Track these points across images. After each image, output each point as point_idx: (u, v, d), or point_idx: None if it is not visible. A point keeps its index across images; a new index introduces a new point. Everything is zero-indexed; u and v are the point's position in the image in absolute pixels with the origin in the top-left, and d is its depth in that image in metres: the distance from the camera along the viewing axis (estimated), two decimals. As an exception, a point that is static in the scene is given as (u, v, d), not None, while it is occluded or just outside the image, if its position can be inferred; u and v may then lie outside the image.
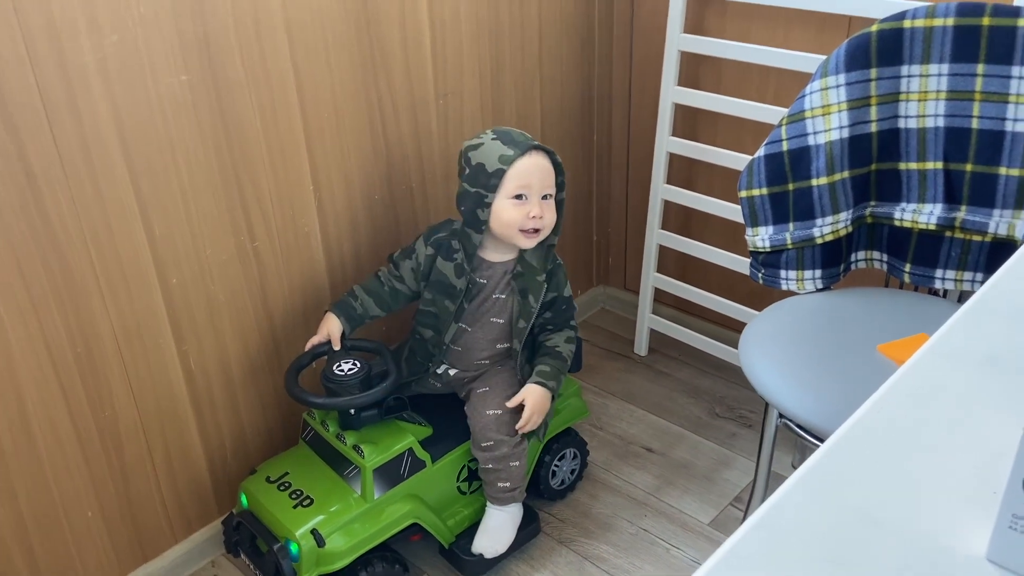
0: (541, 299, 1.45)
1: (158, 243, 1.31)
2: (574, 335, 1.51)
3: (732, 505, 1.65)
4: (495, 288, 1.45)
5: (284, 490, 1.41)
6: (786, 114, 1.32)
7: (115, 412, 1.35)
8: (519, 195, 1.37)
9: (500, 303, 1.46)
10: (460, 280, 1.44)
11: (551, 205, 1.42)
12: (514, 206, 1.37)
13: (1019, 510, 0.46)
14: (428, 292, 1.47)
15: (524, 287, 1.44)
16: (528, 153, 1.37)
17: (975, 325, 0.71)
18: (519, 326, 1.46)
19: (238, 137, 1.35)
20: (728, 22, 1.73)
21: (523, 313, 1.45)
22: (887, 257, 1.39)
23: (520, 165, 1.36)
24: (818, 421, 1.13)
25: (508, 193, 1.37)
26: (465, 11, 1.61)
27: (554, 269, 1.47)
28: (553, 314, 1.49)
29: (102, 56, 1.17)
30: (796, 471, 0.57)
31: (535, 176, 1.38)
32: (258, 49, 1.33)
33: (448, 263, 1.44)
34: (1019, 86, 1.18)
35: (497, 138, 1.39)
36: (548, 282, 1.46)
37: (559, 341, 1.48)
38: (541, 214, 1.38)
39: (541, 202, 1.39)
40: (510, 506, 1.49)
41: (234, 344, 1.47)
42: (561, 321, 1.50)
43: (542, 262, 1.45)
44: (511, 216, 1.38)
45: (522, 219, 1.37)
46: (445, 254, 1.45)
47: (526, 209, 1.37)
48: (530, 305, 1.44)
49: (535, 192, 1.38)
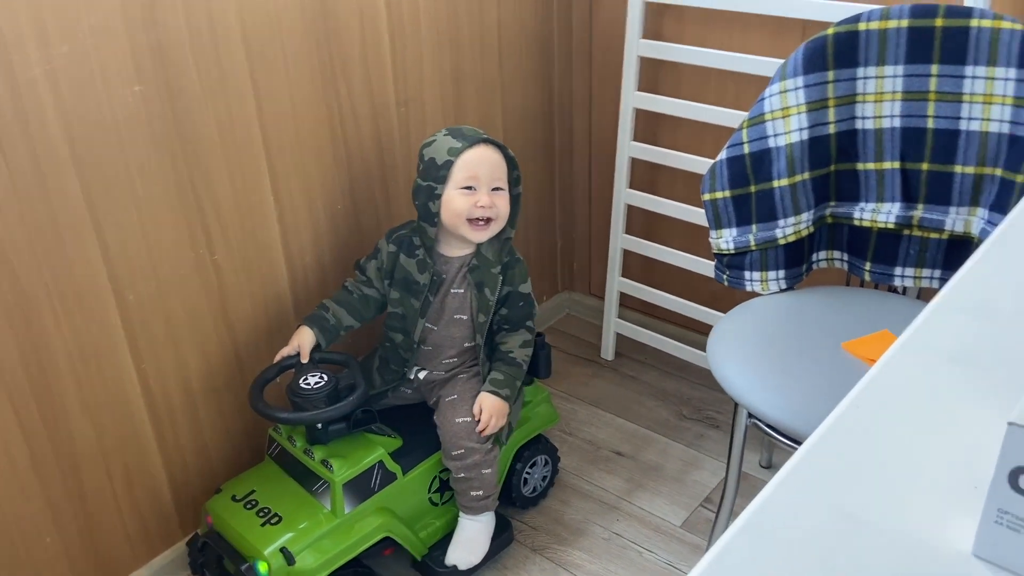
0: (497, 292, 1.45)
1: (113, 259, 1.28)
2: (531, 337, 1.51)
3: (703, 506, 1.66)
4: (452, 282, 1.45)
5: (251, 508, 1.37)
6: (746, 117, 1.33)
7: (71, 433, 1.31)
8: (468, 186, 1.38)
9: (459, 298, 1.46)
10: (423, 275, 1.44)
11: (503, 196, 1.42)
12: (462, 195, 1.38)
13: (1004, 505, 0.46)
14: (395, 291, 1.47)
15: (480, 280, 1.44)
16: (476, 145, 1.38)
17: (943, 323, 0.72)
18: (479, 320, 1.45)
19: (194, 148, 1.32)
20: (686, 28, 1.75)
21: (481, 307, 1.45)
22: (847, 256, 1.41)
23: (467, 156, 1.37)
24: (787, 419, 1.14)
25: (457, 184, 1.38)
26: (425, 19, 1.60)
27: (510, 263, 1.47)
28: (509, 311, 1.48)
29: (51, 68, 1.13)
30: (777, 474, 0.57)
31: (483, 167, 1.38)
32: (214, 58, 1.30)
33: (411, 259, 1.44)
34: (972, 85, 1.21)
35: (448, 133, 1.41)
36: (503, 275, 1.46)
37: (514, 346, 1.48)
38: (491, 203, 1.38)
39: (491, 193, 1.39)
40: (483, 515, 1.48)
41: (195, 360, 1.44)
42: (517, 319, 1.49)
43: (497, 255, 1.46)
44: (459, 205, 1.38)
45: (470, 208, 1.38)
46: (407, 250, 1.45)
47: (474, 198, 1.38)
48: (487, 298, 1.45)
49: (484, 183, 1.38)
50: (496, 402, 1.43)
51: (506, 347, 1.48)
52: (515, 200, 1.45)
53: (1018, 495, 0.45)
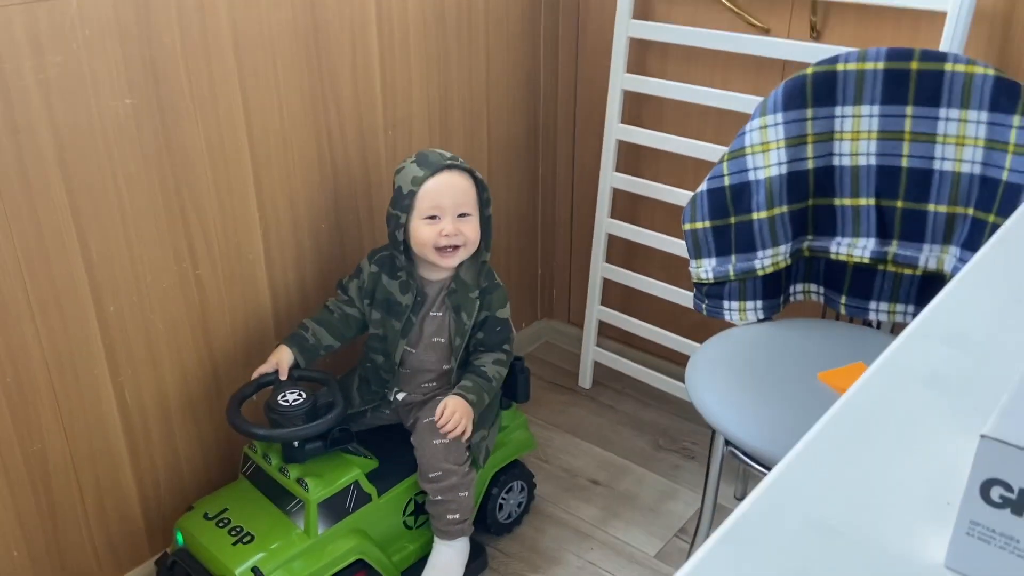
0: (474, 317, 1.46)
1: (95, 269, 1.27)
2: (505, 359, 1.51)
3: (677, 536, 1.66)
4: (432, 305, 1.46)
5: (223, 527, 1.36)
6: (727, 150, 1.37)
7: (44, 445, 1.29)
8: (432, 215, 1.39)
9: (438, 321, 1.46)
10: (406, 296, 1.45)
11: (471, 222, 1.42)
12: (427, 225, 1.39)
13: (976, 516, 0.47)
14: (375, 312, 1.47)
15: (458, 304, 1.45)
16: (440, 172, 1.39)
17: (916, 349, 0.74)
18: (455, 344, 1.46)
19: (183, 162, 1.33)
20: (669, 65, 1.79)
21: (458, 330, 1.45)
22: (824, 289, 1.44)
23: (430, 185, 1.38)
24: (763, 447, 1.15)
25: (421, 213, 1.39)
26: (415, 46, 1.63)
27: (489, 287, 1.48)
28: (485, 335, 1.49)
29: (44, 77, 1.14)
30: (757, 487, 0.58)
31: (446, 195, 1.39)
32: (206, 74, 1.31)
33: (393, 281, 1.45)
34: (945, 127, 1.25)
35: (415, 161, 1.42)
36: (481, 300, 1.46)
37: (486, 361, 1.49)
38: (455, 231, 1.40)
39: (457, 220, 1.40)
40: (458, 540, 1.47)
41: (172, 375, 1.43)
42: (493, 343, 1.50)
43: (475, 279, 1.47)
44: (424, 235, 1.40)
45: (435, 237, 1.39)
46: (389, 272, 1.46)
47: (439, 227, 1.39)
48: (463, 322, 1.45)
49: (448, 211, 1.40)
50: (461, 403, 1.42)
51: (479, 362, 1.49)
52: (486, 222, 1.46)
53: (989, 507, 0.47)
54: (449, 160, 1.41)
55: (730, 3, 1.65)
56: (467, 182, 1.42)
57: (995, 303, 0.80)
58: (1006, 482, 0.46)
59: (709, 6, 1.69)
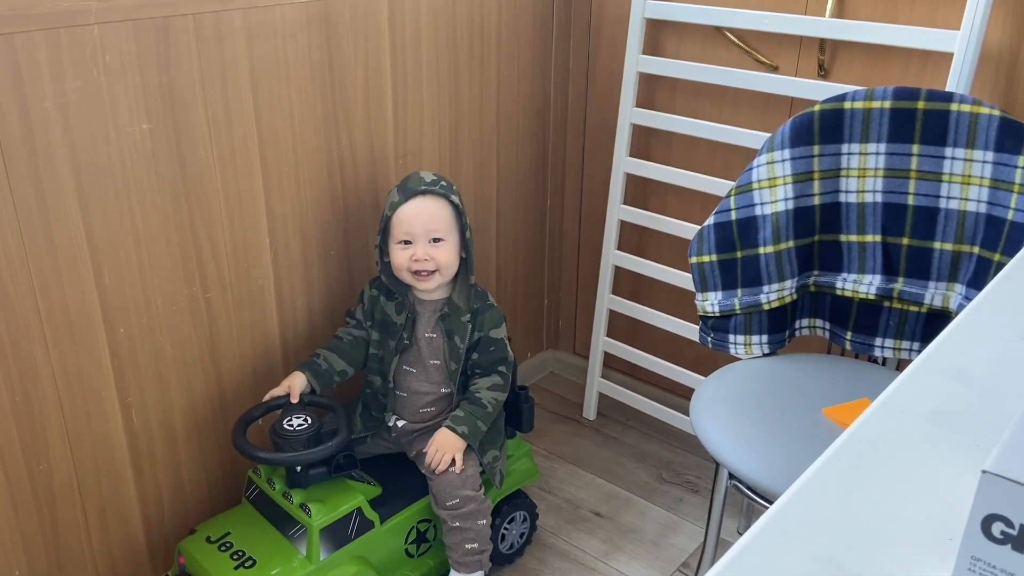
0: (467, 340, 1.47)
1: (107, 291, 1.29)
2: (502, 382, 1.50)
3: (680, 571, 1.65)
4: (426, 327, 1.48)
5: (225, 550, 1.36)
6: (735, 185, 1.38)
7: (50, 465, 1.29)
8: (405, 240, 1.42)
9: (434, 343, 1.47)
10: (400, 316, 1.47)
11: (444, 247, 1.43)
12: (401, 250, 1.42)
13: (977, 552, 0.47)
14: (375, 333, 1.49)
15: (450, 328, 1.47)
16: (414, 198, 1.41)
17: (920, 385, 0.75)
18: (451, 368, 1.47)
19: (196, 187, 1.35)
20: (678, 99, 1.81)
21: (452, 354, 1.46)
22: (829, 325, 1.44)
23: (402, 211, 1.41)
24: (767, 482, 1.15)
25: (396, 238, 1.43)
26: (427, 76, 1.65)
27: (481, 308, 1.49)
28: (480, 355, 1.49)
29: (64, 102, 1.16)
30: (759, 519, 0.58)
31: (417, 221, 1.41)
32: (222, 101, 1.34)
33: (390, 303, 1.48)
34: (951, 166, 1.26)
35: (397, 186, 1.44)
36: (472, 322, 1.47)
37: (482, 387, 1.48)
38: (425, 256, 1.41)
39: (429, 245, 1.41)
40: (476, 574, 1.46)
41: (179, 398, 1.44)
42: (488, 364, 1.50)
43: (467, 303, 1.48)
44: (398, 260, 1.43)
45: (408, 261, 1.42)
46: (387, 294, 1.49)
47: (410, 252, 1.42)
48: (457, 346, 1.46)
49: (419, 236, 1.41)
50: (449, 437, 1.42)
51: (474, 388, 1.49)
52: (467, 245, 1.46)
53: (991, 543, 0.47)
54: (425, 185, 1.42)
55: (739, 40, 1.68)
56: (442, 207, 1.42)
57: (999, 340, 0.80)
58: (1007, 518, 0.46)
59: (718, 43, 1.71)
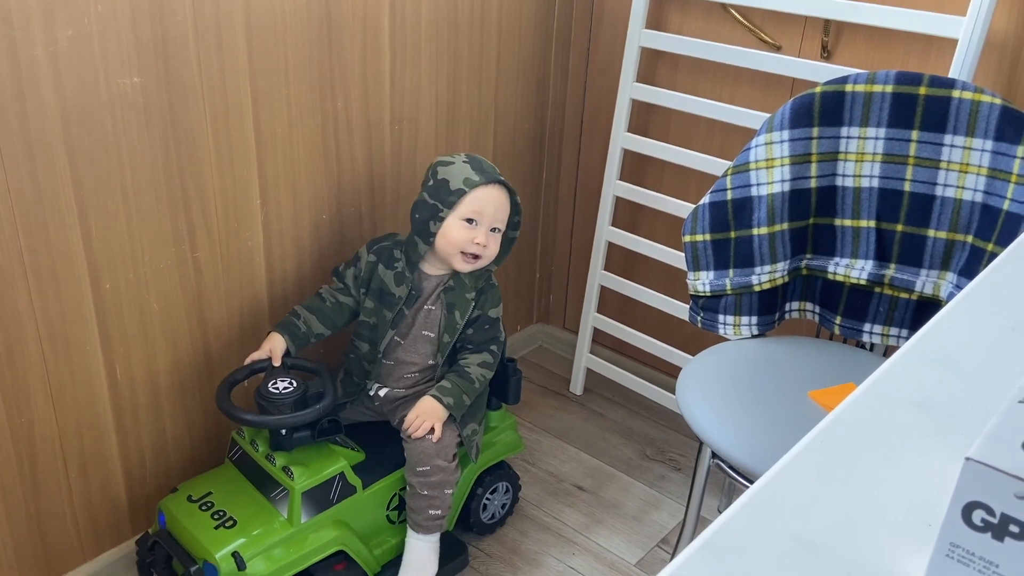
0: (467, 316, 1.46)
1: (94, 245, 1.27)
2: (492, 360, 1.51)
3: (659, 547, 1.66)
4: (427, 299, 1.47)
5: (206, 510, 1.36)
6: (731, 165, 1.37)
7: (32, 418, 1.29)
8: (471, 219, 1.40)
9: (432, 316, 1.47)
10: (400, 288, 1.45)
11: (497, 238, 1.45)
12: (463, 227, 1.41)
13: (956, 539, 0.47)
14: (369, 300, 1.48)
15: (452, 302, 1.46)
16: (492, 184, 1.42)
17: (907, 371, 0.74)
18: (444, 340, 1.46)
19: (187, 144, 1.33)
20: (679, 76, 1.80)
21: (448, 328, 1.46)
22: (819, 309, 1.44)
23: (480, 192, 1.40)
24: (749, 461, 1.15)
25: (461, 214, 1.41)
26: (426, 42, 1.63)
27: (484, 288, 1.49)
28: (475, 332, 1.49)
29: (54, 50, 1.14)
30: (739, 498, 0.58)
31: (490, 206, 1.42)
32: (216, 56, 1.31)
33: (389, 271, 1.46)
34: (950, 153, 1.26)
35: (468, 162, 1.43)
36: (476, 300, 1.47)
37: (472, 363, 1.49)
38: (485, 243, 1.41)
39: (489, 233, 1.42)
40: (432, 535, 1.47)
41: (164, 356, 1.43)
42: (481, 341, 1.50)
43: (474, 281, 1.48)
44: (457, 236, 1.41)
45: (466, 242, 1.41)
46: (386, 262, 1.47)
47: (473, 234, 1.40)
48: (455, 321, 1.46)
49: (486, 221, 1.42)
50: (433, 405, 1.43)
51: (464, 362, 1.49)
52: (509, 243, 1.49)
53: (970, 530, 0.47)
54: (500, 176, 1.44)
55: (743, 18, 1.66)
56: (507, 201, 1.45)
57: (989, 329, 0.80)
58: (988, 506, 0.46)
59: (722, 20, 1.69)
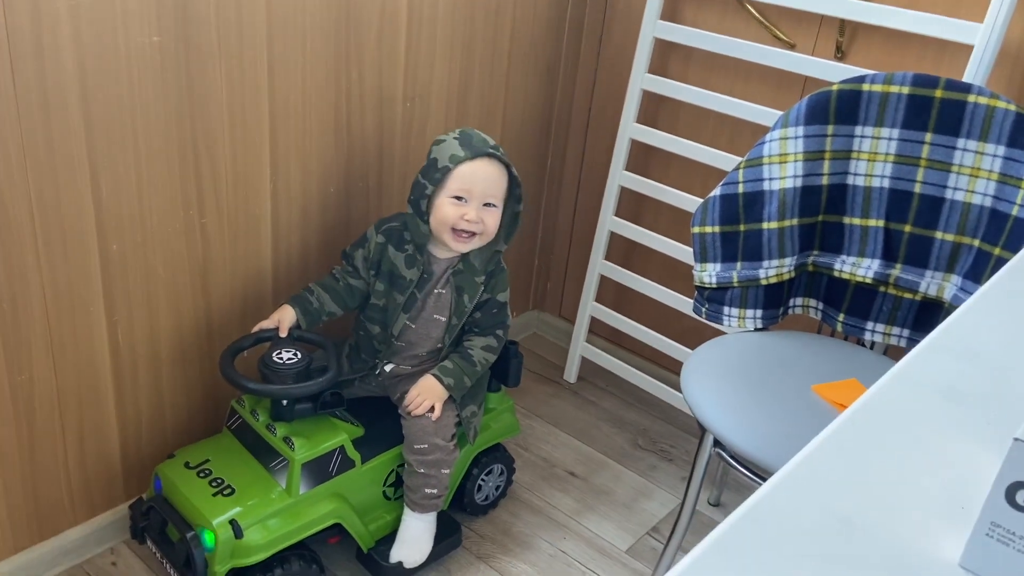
0: (476, 299, 1.46)
1: (104, 205, 1.26)
2: (496, 345, 1.51)
3: (649, 534, 1.67)
4: (437, 283, 1.46)
5: (204, 477, 1.35)
6: (745, 158, 1.38)
7: (32, 376, 1.27)
8: (459, 196, 1.39)
9: (442, 299, 1.46)
10: (411, 271, 1.44)
11: (494, 213, 1.42)
12: (451, 205, 1.39)
13: (998, 518, 0.48)
14: (380, 283, 1.46)
15: (461, 285, 1.45)
16: (479, 158, 1.39)
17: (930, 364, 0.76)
18: (452, 323, 1.46)
19: (201, 109, 1.31)
20: (691, 69, 1.80)
21: (457, 311, 1.46)
22: (823, 306, 1.46)
23: (465, 168, 1.38)
24: (752, 451, 1.17)
25: (449, 192, 1.39)
26: (442, 22, 1.62)
27: (494, 271, 1.49)
28: (482, 315, 1.49)
29: (75, 4, 1.12)
30: (776, 474, 0.59)
31: (478, 181, 1.39)
32: (236, 22, 1.30)
33: (399, 253, 1.45)
34: (962, 157, 1.27)
35: (458, 138, 1.41)
36: (486, 284, 1.47)
37: (476, 345, 1.48)
38: (477, 219, 1.39)
39: (481, 208, 1.40)
40: (429, 514, 1.47)
41: (167, 321, 1.42)
42: (487, 324, 1.50)
43: (484, 264, 1.47)
44: (445, 213, 1.39)
45: (456, 219, 1.39)
46: (396, 244, 1.45)
47: (462, 210, 1.39)
48: (464, 304, 1.46)
49: (475, 197, 1.39)
50: (434, 385, 1.43)
51: (468, 344, 1.49)
52: (514, 218, 1.47)
53: (1013, 510, 0.48)
54: (491, 148, 1.40)
55: (759, 14, 1.66)
56: (502, 174, 1.41)
57: (1011, 324, 0.81)
58: (1033, 487, 0.47)
59: (737, 15, 1.70)
